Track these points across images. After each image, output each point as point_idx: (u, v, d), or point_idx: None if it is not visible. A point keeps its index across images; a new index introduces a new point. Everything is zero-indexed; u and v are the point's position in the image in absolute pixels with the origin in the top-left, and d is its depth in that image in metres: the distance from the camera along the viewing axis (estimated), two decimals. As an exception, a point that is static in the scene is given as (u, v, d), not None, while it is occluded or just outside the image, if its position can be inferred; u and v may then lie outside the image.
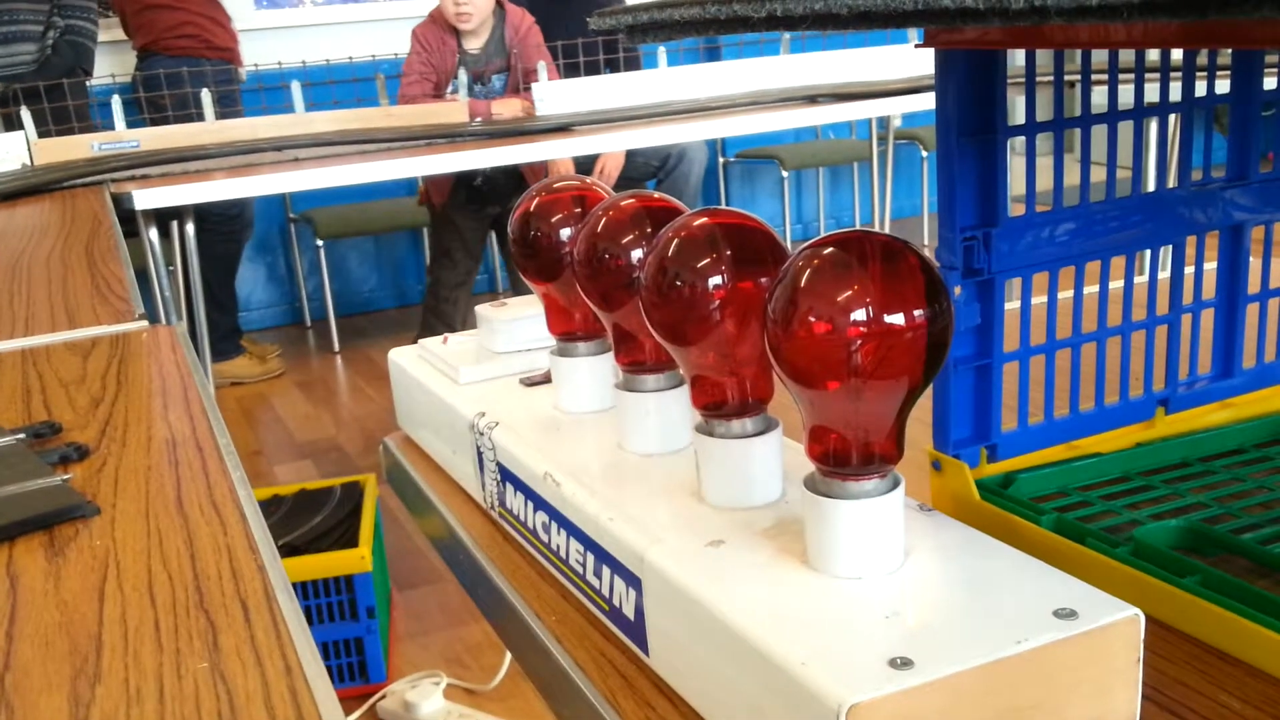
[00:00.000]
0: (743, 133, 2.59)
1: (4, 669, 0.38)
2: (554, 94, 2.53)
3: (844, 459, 0.40)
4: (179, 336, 0.81)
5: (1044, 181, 0.52)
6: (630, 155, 3.27)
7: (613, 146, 2.80)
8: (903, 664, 0.33)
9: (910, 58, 2.64)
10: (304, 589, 1.73)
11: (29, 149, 2.19)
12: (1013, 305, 0.57)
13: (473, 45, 3.13)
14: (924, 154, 4.67)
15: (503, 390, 0.67)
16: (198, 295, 2.21)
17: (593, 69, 3.23)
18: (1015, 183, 0.55)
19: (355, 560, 1.76)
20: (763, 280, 0.45)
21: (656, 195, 0.56)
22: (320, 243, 3.87)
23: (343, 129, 2.36)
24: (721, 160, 4.61)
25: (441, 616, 2.00)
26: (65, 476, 0.53)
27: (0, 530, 0.47)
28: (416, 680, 1.77)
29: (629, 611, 0.46)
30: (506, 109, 2.93)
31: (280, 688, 0.35)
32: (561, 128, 2.35)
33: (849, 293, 0.37)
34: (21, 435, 0.59)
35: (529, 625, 0.54)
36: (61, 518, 0.48)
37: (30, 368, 0.77)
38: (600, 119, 2.40)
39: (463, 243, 3.25)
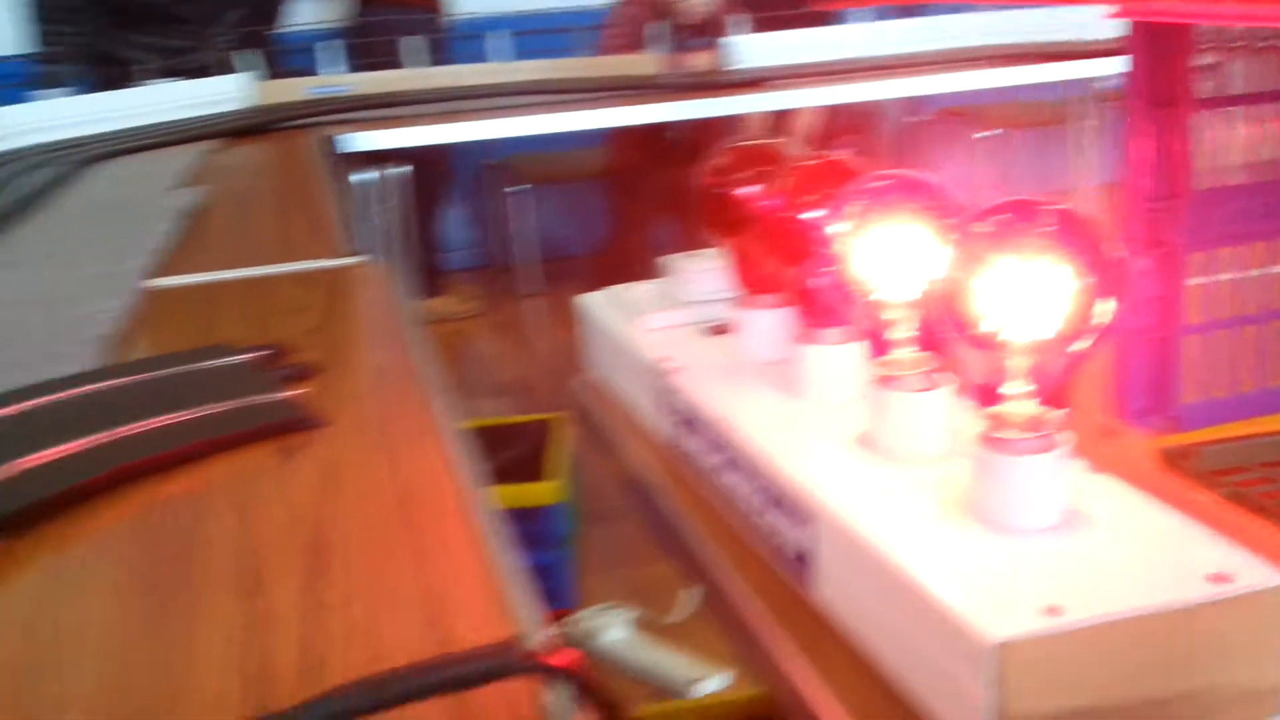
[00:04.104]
0: (940, 91, 2.53)
1: (242, 555, 0.43)
2: (747, 47, 2.52)
3: (1011, 418, 0.42)
4: (388, 273, 0.87)
5: (1237, 155, 0.52)
6: (823, 112, 3.25)
7: (806, 102, 2.78)
8: (1054, 610, 0.35)
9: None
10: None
11: (253, 89, 2.32)
12: (1201, 280, 0.56)
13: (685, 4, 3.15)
14: (1131, 117, 4.47)
15: (686, 337, 0.70)
16: (405, 235, 2.32)
17: (787, 23, 3.21)
18: (1206, 155, 0.54)
19: (547, 492, 1.84)
20: (943, 242, 0.47)
21: (843, 154, 0.58)
22: (518, 189, 3.98)
23: (541, 79, 2.41)
24: (916, 118, 4.52)
25: (628, 552, 2.06)
26: (292, 393, 0.59)
27: (239, 436, 0.53)
28: (602, 610, 1.84)
29: (800, 552, 0.49)
30: (699, 62, 2.94)
31: (484, 592, 0.39)
32: (753, 81, 2.35)
33: (1020, 257, 0.39)
34: (253, 355, 0.65)
35: (706, 563, 0.57)
36: (290, 428, 0.54)
37: (257, 296, 0.84)
38: (794, 73, 2.38)
39: (639, 205, 3.29)
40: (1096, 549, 0.39)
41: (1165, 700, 0.36)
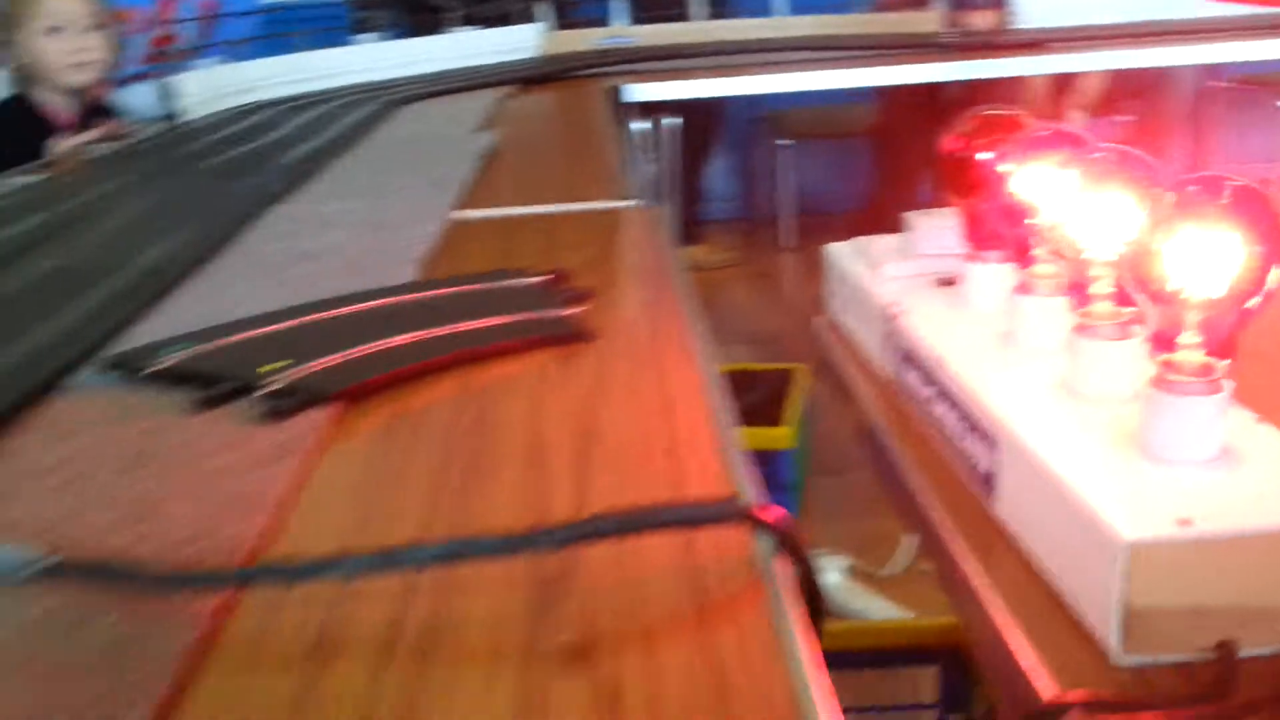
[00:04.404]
0: (1239, 59, 2.42)
1: (528, 434, 0.54)
2: (1033, 5, 2.48)
3: (1180, 365, 0.48)
4: (659, 218, 0.98)
5: None
6: (1107, 76, 3.15)
7: (1090, 66, 2.71)
8: (1185, 522, 0.42)
9: None
10: (733, 456, 1.93)
11: (545, 39, 2.48)
12: None
13: None
14: None
15: (916, 286, 0.77)
16: (671, 184, 2.44)
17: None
18: None
19: (779, 438, 1.93)
20: (1138, 210, 0.53)
21: (1072, 126, 0.64)
22: (783, 143, 4.04)
23: (818, 34, 2.46)
24: (1211, 85, 4.28)
25: (854, 503, 2.13)
26: (570, 311, 0.70)
27: (528, 341, 0.64)
28: (821, 557, 1.92)
29: (988, 473, 0.56)
30: (983, 20, 2.91)
31: (719, 475, 0.49)
32: (1037, 42, 2.31)
33: (1193, 226, 0.45)
34: (539, 279, 0.77)
35: (914, 489, 0.64)
36: (569, 339, 0.65)
37: (544, 230, 0.96)
38: (1081, 35, 2.32)
39: (904, 163, 3.29)
40: (1237, 480, 0.45)
41: (1274, 612, 0.42)
